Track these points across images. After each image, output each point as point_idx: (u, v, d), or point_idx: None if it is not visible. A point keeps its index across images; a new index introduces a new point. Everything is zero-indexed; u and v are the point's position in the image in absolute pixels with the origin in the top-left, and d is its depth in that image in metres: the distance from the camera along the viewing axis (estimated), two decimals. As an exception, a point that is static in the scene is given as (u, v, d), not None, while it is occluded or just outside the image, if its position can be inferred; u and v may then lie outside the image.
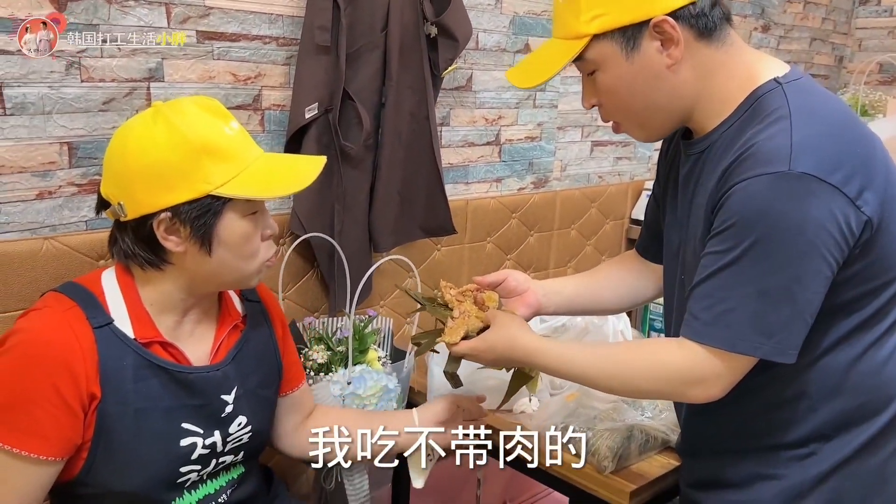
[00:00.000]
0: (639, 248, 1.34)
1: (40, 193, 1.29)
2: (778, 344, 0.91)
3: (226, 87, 1.48)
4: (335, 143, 1.57)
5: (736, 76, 0.99)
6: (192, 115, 1.00)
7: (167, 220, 1.00)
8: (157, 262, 1.04)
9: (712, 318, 0.94)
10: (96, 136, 1.33)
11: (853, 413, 0.99)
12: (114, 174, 1.02)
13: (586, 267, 2.40)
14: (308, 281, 1.69)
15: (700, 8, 0.96)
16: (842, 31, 3.53)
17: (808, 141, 0.89)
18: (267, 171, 1.04)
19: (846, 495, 1.00)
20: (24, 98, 1.24)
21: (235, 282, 1.09)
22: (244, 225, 1.03)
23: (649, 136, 1.09)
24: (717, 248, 0.93)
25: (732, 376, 0.96)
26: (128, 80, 1.35)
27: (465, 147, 2.00)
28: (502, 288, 1.26)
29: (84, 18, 1.27)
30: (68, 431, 0.98)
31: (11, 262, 1.23)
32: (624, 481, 1.27)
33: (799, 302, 0.91)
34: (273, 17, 1.52)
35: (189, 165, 0.98)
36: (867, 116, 2.90)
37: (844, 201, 0.88)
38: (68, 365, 0.98)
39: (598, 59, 0.99)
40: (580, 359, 1.06)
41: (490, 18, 1.96)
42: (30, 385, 0.96)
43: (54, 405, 0.96)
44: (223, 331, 1.14)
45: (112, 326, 1.02)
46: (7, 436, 0.95)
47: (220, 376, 1.11)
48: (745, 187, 0.90)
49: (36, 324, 1.00)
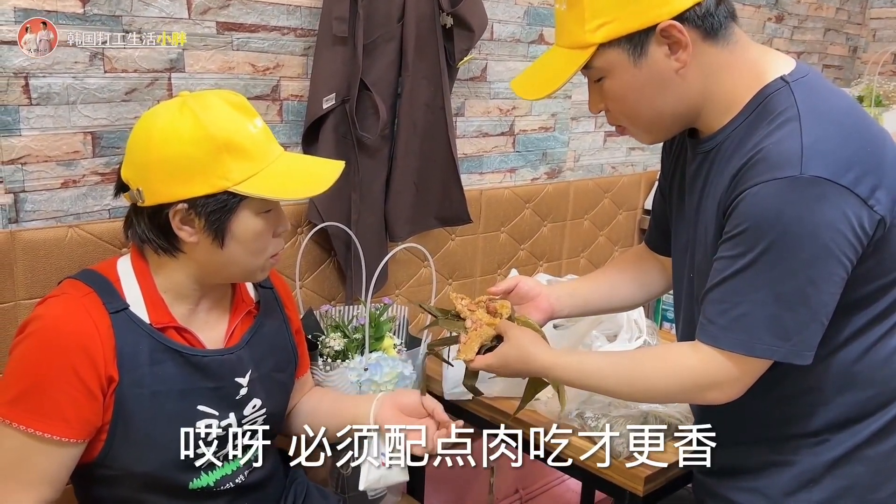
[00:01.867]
0: (648, 242, 1.34)
1: (65, 182, 1.32)
2: (794, 346, 0.92)
3: (245, 77, 1.50)
4: (352, 133, 1.58)
5: (742, 75, 0.98)
6: (217, 110, 1.01)
7: (183, 211, 1.01)
8: (169, 249, 1.05)
9: (728, 323, 0.94)
10: (119, 126, 1.35)
11: (866, 403, 1.00)
12: (135, 160, 1.04)
13: (599, 257, 2.42)
14: (325, 269, 1.70)
15: (706, 8, 0.94)
16: (856, 22, 3.51)
17: (819, 143, 0.89)
18: (286, 171, 1.05)
19: (858, 480, 1.01)
20: (50, 88, 1.26)
21: (242, 275, 1.11)
22: (258, 222, 1.05)
23: (655, 139, 1.08)
24: (730, 252, 0.94)
25: (749, 379, 0.97)
26: (149, 70, 1.37)
27: (480, 137, 2.01)
28: (514, 294, 1.26)
29: (107, 9, 1.29)
30: (88, 414, 1.01)
31: (38, 250, 1.26)
32: (638, 467, 1.28)
33: (814, 304, 0.91)
34: (291, 8, 1.54)
35: (209, 161, 0.99)
36: (881, 107, 2.88)
37: (857, 202, 0.89)
38: (86, 349, 1.00)
39: (606, 67, 0.98)
40: (595, 369, 1.07)
41: (505, 9, 1.97)
42: (50, 369, 0.99)
43: (74, 388, 0.99)
44: (237, 317, 1.16)
45: (128, 312, 1.04)
46: (30, 419, 0.98)
47: (235, 359, 1.13)
48: (757, 192, 0.90)
49: (54, 310, 1.02)
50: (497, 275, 2.11)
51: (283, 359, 1.23)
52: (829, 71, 3.45)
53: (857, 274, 0.93)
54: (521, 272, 1.76)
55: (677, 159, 1.15)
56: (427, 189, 1.77)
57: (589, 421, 1.36)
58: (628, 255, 1.40)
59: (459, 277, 2.01)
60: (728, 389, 0.98)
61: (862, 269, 0.94)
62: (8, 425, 0.98)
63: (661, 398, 1.17)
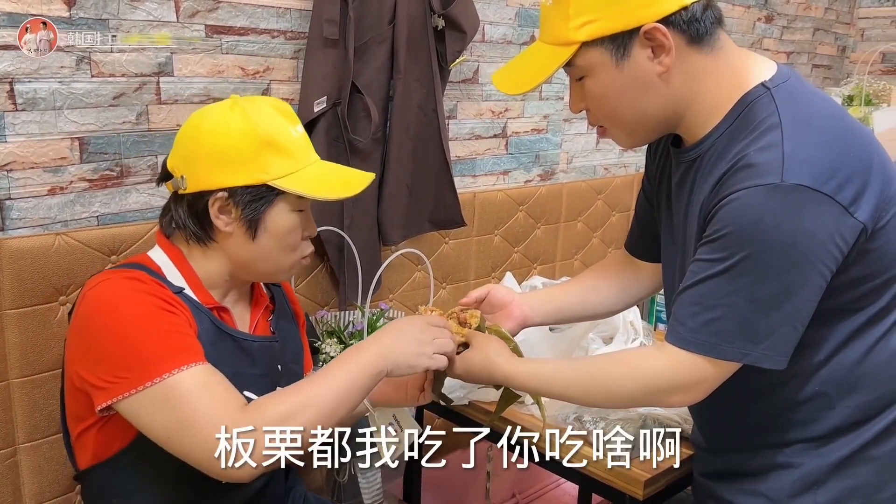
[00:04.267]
0: (629, 247, 1.32)
1: (52, 189, 1.29)
2: (765, 350, 0.91)
3: (235, 81, 1.48)
4: (344, 137, 1.57)
5: (724, 82, 0.97)
6: (265, 111, 1.07)
7: (222, 199, 1.05)
8: (203, 238, 1.08)
9: (699, 325, 0.93)
10: (107, 131, 1.33)
11: (871, 405, 1.00)
12: (182, 149, 1.08)
13: (593, 259, 2.41)
14: (318, 275, 1.69)
15: (692, 13, 0.92)
16: (844, 21, 3.53)
17: (800, 151, 0.88)
18: (321, 174, 1.10)
19: (863, 481, 1.00)
20: (35, 93, 1.24)
21: (270, 272, 1.13)
22: (291, 218, 1.08)
23: (635, 143, 1.07)
24: (707, 256, 0.93)
25: (714, 381, 0.96)
26: (137, 74, 1.34)
27: (472, 140, 2.00)
28: (486, 304, 1.25)
29: (94, 13, 1.27)
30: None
31: (24, 258, 1.23)
32: (638, 471, 1.27)
33: (787, 309, 0.90)
34: (281, 11, 1.52)
35: (253, 154, 1.04)
36: (871, 106, 2.89)
37: (838, 210, 0.88)
38: (172, 299, 1.01)
39: (588, 66, 0.96)
40: (558, 377, 1.06)
41: (496, 10, 1.96)
42: (145, 315, 0.98)
43: (175, 322, 0.99)
44: (258, 310, 1.19)
45: (185, 292, 1.06)
46: (176, 359, 0.95)
47: (277, 347, 1.16)
48: (739, 198, 0.89)
49: (119, 281, 1.01)
50: (491, 278, 2.10)
51: (297, 351, 1.25)
52: (819, 70, 3.46)
53: (844, 279, 0.93)
54: (516, 275, 1.75)
55: (663, 167, 1.14)
56: (420, 192, 1.75)
57: (587, 424, 1.34)
58: (606, 261, 1.38)
59: (453, 281, 2.00)
60: (692, 392, 0.96)
61: (849, 275, 0.93)
62: (175, 374, 0.94)
63: (623, 402, 1.15)
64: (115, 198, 1.36)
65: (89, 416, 1.03)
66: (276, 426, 0.92)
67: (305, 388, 0.98)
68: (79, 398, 1.02)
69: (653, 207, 1.20)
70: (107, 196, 1.35)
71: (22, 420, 1.28)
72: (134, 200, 1.39)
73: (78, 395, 1.02)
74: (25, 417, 1.28)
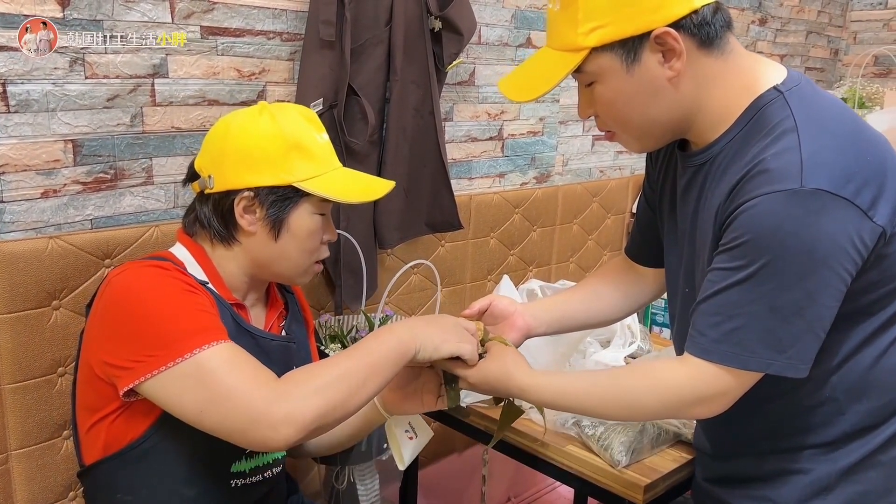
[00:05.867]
0: (629, 253, 1.31)
1: (45, 192, 1.27)
2: (789, 359, 0.90)
3: (230, 83, 1.46)
4: (340, 139, 1.55)
5: (735, 86, 0.96)
6: (292, 117, 1.11)
7: (248, 199, 1.08)
8: (226, 237, 1.10)
9: (721, 336, 0.92)
10: (101, 134, 1.31)
11: (881, 410, 0.99)
12: (211, 150, 1.11)
13: (588, 261, 2.40)
14: (313, 279, 1.67)
15: (702, 17, 0.92)
16: (837, 24, 3.54)
17: (818, 155, 0.87)
18: (343, 179, 1.14)
19: (871, 486, 1.00)
20: (28, 95, 1.22)
21: (289, 273, 1.15)
22: (313, 220, 1.11)
23: (645, 147, 1.06)
24: (726, 264, 0.91)
25: (738, 392, 0.95)
26: (132, 76, 1.33)
27: (468, 142, 1.99)
28: (488, 315, 1.23)
29: (88, 14, 1.25)
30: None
31: (17, 262, 1.22)
32: (637, 475, 1.27)
33: (810, 316, 0.89)
34: (277, 12, 1.51)
35: (279, 156, 1.07)
36: (865, 109, 2.91)
37: (857, 214, 0.87)
38: (193, 283, 1.04)
39: (598, 71, 0.95)
40: (574, 389, 1.04)
41: (492, 12, 1.95)
42: (170, 295, 0.99)
43: (200, 303, 1.01)
44: (273, 313, 1.22)
45: (209, 286, 1.08)
46: (202, 336, 0.95)
47: (293, 348, 1.19)
48: (757, 204, 0.88)
49: (137, 270, 1.02)
50: (487, 280, 2.09)
51: (306, 356, 1.27)
52: (812, 73, 3.47)
53: (860, 284, 0.92)
54: (512, 278, 1.74)
55: (665, 172, 1.13)
56: (417, 195, 1.74)
57: (586, 429, 1.34)
58: (606, 267, 1.37)
59: (450, 284, 1.99)
60: (715, 404, 0.95)
61: (865, 280, 0.92)
62: (203, 349, 0.95)
63: (645, 416, 1.14)
64: (108, 201, 1.35)
65: (106, 406, 1.03)
66: (311, 396, 0.92)
67: (339, 361, 0.98)
68: (96, 387, 1.02)
69: (654, 213, 1.19)
70: (100, 199, 1.34)
71: (14, 426, 1.26)
72: (128, 203, 1.37)
73: (96, 384, 1.02)
74: (18, 424, 1.26)
